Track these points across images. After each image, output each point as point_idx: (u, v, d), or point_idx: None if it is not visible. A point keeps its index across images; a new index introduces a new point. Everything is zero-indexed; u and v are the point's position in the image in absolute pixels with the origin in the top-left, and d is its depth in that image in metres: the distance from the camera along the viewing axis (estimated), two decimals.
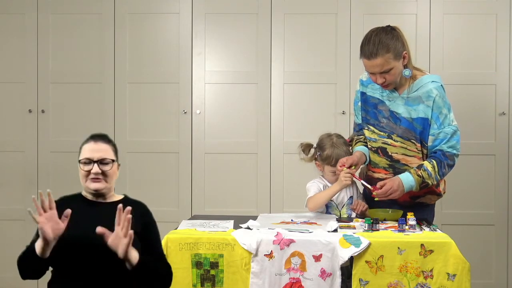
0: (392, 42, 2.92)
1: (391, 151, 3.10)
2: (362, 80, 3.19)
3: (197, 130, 4.49)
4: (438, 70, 4.32)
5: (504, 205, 4.39)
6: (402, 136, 3.04)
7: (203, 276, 2.71)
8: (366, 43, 2.94)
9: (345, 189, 3.18)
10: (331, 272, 2.67)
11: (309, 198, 3.14)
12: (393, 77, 2.95)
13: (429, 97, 2.98)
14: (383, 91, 3.08)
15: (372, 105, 3.13)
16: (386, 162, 3.12)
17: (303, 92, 4.44)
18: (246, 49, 4.47)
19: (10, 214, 4.53)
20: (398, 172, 3.07)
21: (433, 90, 2.98)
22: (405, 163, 3.07)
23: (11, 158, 4.58)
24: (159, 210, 4.25)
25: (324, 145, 3.18)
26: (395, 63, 2.93)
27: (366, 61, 2.94)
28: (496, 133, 4.38)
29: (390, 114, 3.06)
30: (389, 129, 3.07)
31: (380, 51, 2.89)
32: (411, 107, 3.01)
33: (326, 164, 3.16)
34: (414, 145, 3.04)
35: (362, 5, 4.41)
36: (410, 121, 3.01)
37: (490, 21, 4.37)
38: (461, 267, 2.61)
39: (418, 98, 3.00)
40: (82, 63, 4.54)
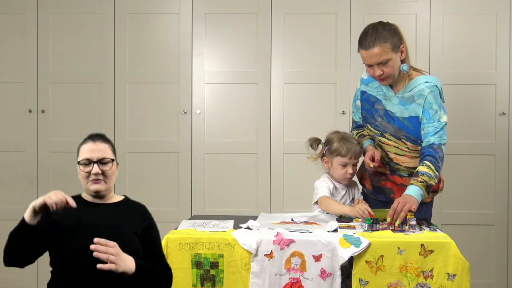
0: (389, 35, 2.97)
1: (386, 150, 3.16)
2: (363, 78, 3.22)
3: (197, 130, 4.49)
4: (438, 70, 4.33)
5: (504, 205, 4.39)
6: (394, 135, 3.10)
7: (203, 276, 2.71)
8: (364, 35, 2.99)
9: (347, 190, 3.20)
10: (331, 272, 2.67)
11: (323, 200, 3.10)
12: (391, 69, 2.97)
13: (421, 95, 3.01)
14: (380, 90, 3.11)
15: (370, 104, 3.17)
16: (385, 159, 3.18)
17: (303, 92, 4.44)
18: (246, 49, 4.48)
19: (10, 214, 4.53)
20: (392, 170, 3.14)
21: (425, 89, 3.01)
22: (397, 162, 3.13)
23: (11, 158, 4.58)
24: (159, 210, 4.27)
25: (332, 138, 3.18)
26: (392, 55, 2.96)
27: (364, 52, 2.97)
28: (496, 133, 4.38)
29: (384, 113, 3.11)
30: (382, 127, 3.13)
31: (377, 41, 2.93)
32: (404, 107, 3.05)
33: (336, 156, 3.14)
34: (404, 144, 3.09)
35: (362, 5, 4.41)
36: (402, 120, 3.06)
37: (490, 21, 4.37)
38: (461, 267, 2.61)
39: (411, 98, 3.03)
40: (82, 63, 4.54)
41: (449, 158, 4.34)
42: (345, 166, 3.13)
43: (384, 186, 3.22)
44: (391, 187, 3.20)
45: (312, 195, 3.20)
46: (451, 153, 4.36)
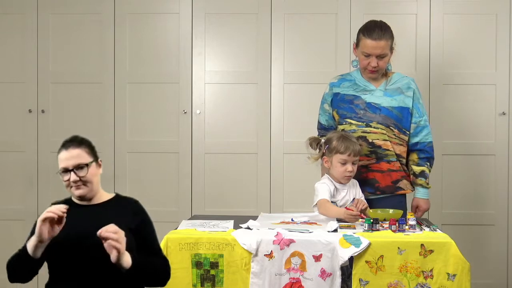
0: (391, 34, 3.32)
1: (371, 138, 3.31)
2: (333, 82, 3.46)
3: (197, 130, 4.49)
4: (438, 70, 4.33)
5: (504, 205, 4.39)
6: (382, 123, 3.31)
7: (203, 276, 2.72)
8: (373, 27, 3.29)
9: (348, 190, 3.20)
10: (331, 272, 2.67)
11: (321, 203, 3.10)
12: (384, 64, 3.30)
13: (409, 88, 3.35)
14: (356, 87, 3.36)
15: (347, 102, 3.37)
16: (367, 149, 3.31)
17: (303, 92, 4.44)
18: (246, 49, 4.47)
19: (10, 214, 4.53)
20: (380, 157, 3.32)
21: (411, 82, 3.37)
22: (386, 148, 3.31)
23: (11, 158, 4.58)
24: (159, 210, 4.28)
25: (331, 137, 3.21)
26: (389, 52, 3.30)
27: (370, 41, 3.24)
28: (496, 133, 4.38)
29: (366, 106, 3.33)
30: (366, 118, 3.33)
31: (385, 36, 3.26)
32: (391, 97, 3.33)
33: (335, 154, 3.14)
34: (392, 131, 3.31)
35: (362, 5, 4.41)
36: (391, 109, 3.31)
37: (490, 21, 4.37)
38: (461, 267, 2.62)
39: (398, 89, 3.34)
40: (82, 63, 4.54)
41: (449, 158, 4.36)
42: (345, 163, 3.13)
43: (367, 178, 3.33)
44: (374, 177, 3.33)
45: (312, 196, 3.20)
46: (451, 153, 4.37)
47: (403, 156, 3.37)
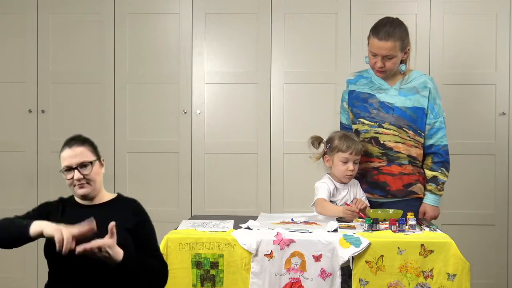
0: (404, 34, 3.16)
1: (383, 140, 3.21)
2: (350, 79, 3.36)
3: (197, 130, 4.49)
4: (438, 70, 4.33)
5: (504, 205, 4.39)
6: (395, 124, 3.19)
7: (203, 276, 2.72)
8: (382, 26, 3.14)
9: (349, 190, 3.20)
10: (331, 272, 2.67)
11: (318, 202, 3.09)
12: (392, 65, 3.15)
13: (425, 87, 3.20)
14: (372, 85, 3.24)
15: (362, 100, 3.27)
16: (379, 151, 3.22)
17: (303, 92, 4.44)
18: (246, 49, 4.48)
19: (10, 214, 4.50)
20: (391, 159, 3.21)
21: (428, 81, 3.22)
22: (398, 150, 3.19)
23: (11, 158, 4.58)
24: (159, 210, 4.28)
25: (333, 137, 3.20)
26: (398, 53, 3.14)
27: (377, 41, 3.11)
28: (496, 133, 4.38)
29: (380, 105, 3.22)
30: (379, 118, 3.22)
31: (392, 37, 3.10)
32: (406, 97, 3.20)
33: (336, 152, 3.13)
34: (406, 133, 3.19)
35: (362, 5, 4.41)
36: (404, 110, 3.19)
37: (490, 21, 4.37)
38: (461, 267, 2.61)
39: (413, 89, 3.20)
40: (82, 63, 4.54)
41: None
42: (346, 162, 3.12)
43: (378, 181, 3.24)
44: (385, 180, 3.22)
45: (312, 195, 3.20)
46: (451, 153, 4.33)
47: (419, 159, 3.23)
